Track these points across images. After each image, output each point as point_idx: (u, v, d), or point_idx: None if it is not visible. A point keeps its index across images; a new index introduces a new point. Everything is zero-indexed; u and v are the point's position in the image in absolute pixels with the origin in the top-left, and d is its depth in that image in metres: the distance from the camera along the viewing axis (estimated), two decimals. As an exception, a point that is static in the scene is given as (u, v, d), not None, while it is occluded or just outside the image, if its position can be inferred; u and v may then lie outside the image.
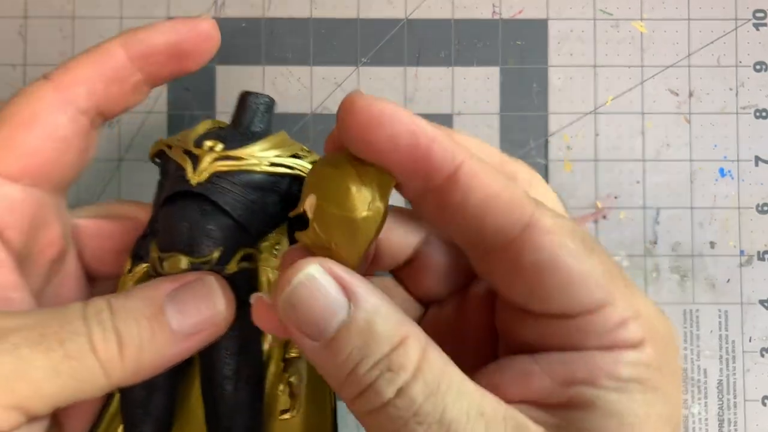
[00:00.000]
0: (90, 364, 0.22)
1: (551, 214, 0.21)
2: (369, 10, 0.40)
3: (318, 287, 0.20)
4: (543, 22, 0.40)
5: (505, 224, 0.21)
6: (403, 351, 0.20)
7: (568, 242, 0.21)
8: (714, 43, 0.40)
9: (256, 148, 0.27)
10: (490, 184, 0.21)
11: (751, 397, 0.39)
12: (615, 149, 0.39)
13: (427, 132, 0.21)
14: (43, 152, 0.25)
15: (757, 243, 0.39)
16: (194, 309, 0.23)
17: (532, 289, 0.21)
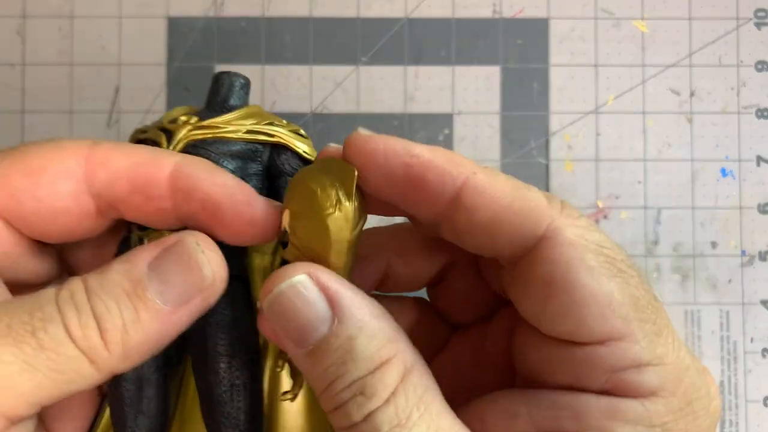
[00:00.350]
0: (70, 353, 0.19)
1: (578, 224, 0.20)
2: (369, 9, 0.40)
3: (301, 297, 0.19)
4: (544, 21, 0.40)
5: (517, 237, 0.20)
6: (380, 375, 0.19)
7: (588, 258, 0.19)
8: (715, 43, 0.40)
9: (231, 116, 0.26)
10: (498, 199, 0.20)
11: (752, 398, 0.38)
12: (616, 149, 0.39)
13: (421, 161, 0.20)
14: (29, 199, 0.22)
15: (759, 243, 0.39)
16: (178, 277, 0.20)
17: (542, 306, 0.20)
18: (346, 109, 0.39)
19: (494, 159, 0.39)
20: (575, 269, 0.19)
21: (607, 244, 0.20)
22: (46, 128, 0.39)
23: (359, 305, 0.20)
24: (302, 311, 0.19)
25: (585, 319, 0.19)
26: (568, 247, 0.19)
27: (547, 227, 0.20)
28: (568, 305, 0.19)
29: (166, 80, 0.39)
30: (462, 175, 0.20)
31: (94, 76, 0.39)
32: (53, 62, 0.39)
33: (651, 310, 0.20)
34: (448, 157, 0.20)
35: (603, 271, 0.19)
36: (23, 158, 0.22)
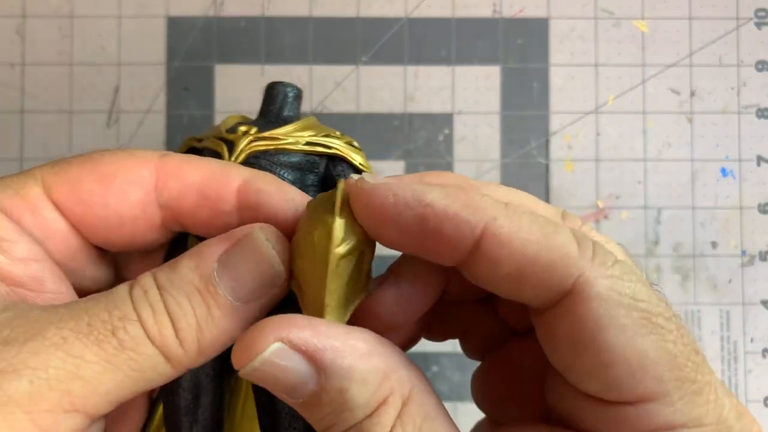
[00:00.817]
0: (148, 352, 0.19)
1: (611, 274, 0.18)
2: (369, 9, 0.40)
3: (279, 368, 0.18)
4: (544, 21, 0.40)
5: (543, 291, 0.18)
6: (377, 419, 0.18)
7: (620, 315, 0.18)
8: (716, 42, 0.40)
9: (290, 128, 0.26)
10: (522, 249, 0.18)
11: (753, 398, 0.38)
12: (616, 149, 0.39)
13: (435, 211, 0.18)
14: (99, 205, 0.22)
15: (759, 243, 0.39)
16: (248, 273, 0.20)
17: (569, 363, 0.19)
18: (346, 108, 0.39)
19: (494, 159, 0.39)
20: (604, 328, 0.18)
21: (642, 296, 0.18)
22: (46, 128, 0.39)
23: (344, 353, 0.18)
24: (284, 379, 0.19)
25: (614, 381, 0.18)
26: (598, 303, 0.18)
27: (576, 280, 0.18)
28: (596, 366, 0.18)
29: (165, 80, 0.39)
30: (481, 223, 0.18)
31: (94, 75, 0.39)
32: (53, 62, 0.39)
33: (691, 367, 0.18)
34: (464, 202, 0.18)
35: (636, 328, 0.18)
36: (95, 165, 0.22)
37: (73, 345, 0.18)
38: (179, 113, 0.39)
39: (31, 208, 0.22)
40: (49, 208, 0.22)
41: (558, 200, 0.39)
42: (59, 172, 0.22)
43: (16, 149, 0.39)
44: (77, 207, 0.22)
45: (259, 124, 0.26)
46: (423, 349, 0.38)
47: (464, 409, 0.38)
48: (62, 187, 0.22)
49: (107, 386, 0.19)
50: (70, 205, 0.22)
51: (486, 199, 0.19)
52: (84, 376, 0.18)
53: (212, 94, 0.39)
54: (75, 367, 0.18)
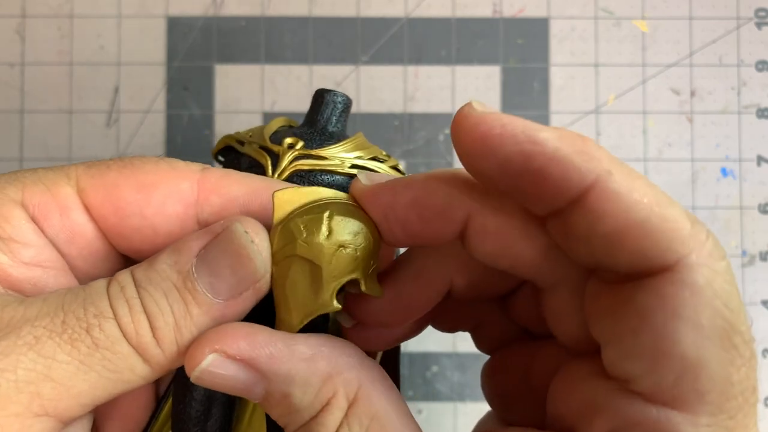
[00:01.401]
0: (124, 351, 0.18)
1: (716, 268, 0.17)
2: (369, 9, 0.40)
3: (219, 377, 0.19)
4: (544, 21, 0.40)
5: (640, 260, 0.17)
6: (322, 419, 0.18)
7: (703, 315, 0.16)
8: (716, 42, 0.40)
9: (338, 148, 0.26)
10: (632, 210, 0.17)
11: (753, 398, 0.38)
12: (617, 148, 0.39)
13: (545, 150, 0.17)
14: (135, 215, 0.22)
15: (759, 243, 0.39)
16: (228, 269, 0.19)
17: (620, 335, 0.17)
18: (345, 108, 0.39)
19: (494, 159, 0.39)
20: (681, 318, 0.16)
21: (733, 305, 0.16)
22: (46, 128, 0.39)
23: (281, 360, 0.19)
24: (229, 386, 0.19)
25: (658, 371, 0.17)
26: (689, 292, 0.16)
27: (681, 259, 0.16)
28: (649, 350, 0.17)
29: (165, 80, 0.39)
30: (593, 174, 0.17)
31: (94, 75, 0.39)
32: (53, 62, 0.39)
33: (739, 402, 0.16)
34: (579, 148, 0.17)
35: (711, 335, 0.16)
36: (135, 172, 0.21)
37: (45, 345, 0.18)
38: (179, 113, 0.39)
39: (61, 208, 0.21)
40: (79, 210, 0.21)
41: (558, 200, 0.39)
42: (96, 175, 0.21)
43: (16, 149, 0.39)
44: (111, 215, 0.21)
45: (305, 136, 0.26)
46: (423, 349, 0.38)
47: (464, 409, 0.38)
48: (98, 192, 0.21)
49: (80, 388, 0.18)
50: (104, 211, 0.21)
51: (603, 151, 0.17)
52: (55, 378, 0.18)
53: (212, 94, 0.39)
54: (46, 368, 0.18)
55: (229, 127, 0.39)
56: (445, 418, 0.38)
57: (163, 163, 0.22)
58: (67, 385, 0.18)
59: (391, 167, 0.27)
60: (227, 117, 0.29)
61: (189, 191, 0.22)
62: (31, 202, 0.21)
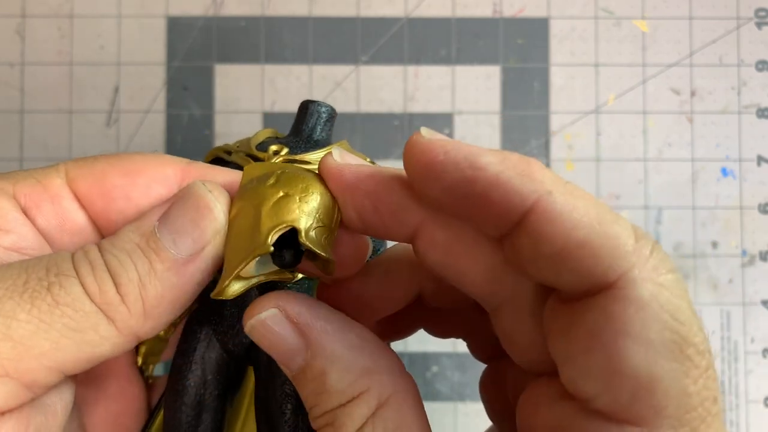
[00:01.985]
0: (86, 309, 0.18)
1: (661, 281, 0.16)
2: (369, 9, 0.40)
3: (271, 332, 0.19)
4: (544, 21, 0.40)
5: (585, 278, 0.17)
6: (350, 410, 0.19)
7: (652, 329, 0.16)
8: (716, 42, 0.40)
9: (321, 153, 0.26)
10: (573, 229, 0.16)
11: (753, 398, 0.38)
12: (617, 148, 0.39)
13: (486, 175, 0.17)
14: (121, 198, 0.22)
15: (759, 243, 0.39)
16: (189, 224, 0.19)
17: (574, 355, 0.17)
18: (345, 108, 0.39)
19: (494, 159, 0.39)
20: (630, 335, 0.16)
21: (683, 317, 0.16)
22: (46, 128, 0.39)
23: (332, 338, 0.19)
24: (275, 345, 0.19)
25: (613, 390, 0.16)
26: (636, 308, 0.16)
27: (622, 275, 0.16)
28: (601, 369, 0.16)
29: (165, 80, 0.39)
30: (533, 195, 0.17)
31: (94, 75, 0.39)
32: (52, 62, 0.39)
33: (700, 413, 0.16)
34: (521, 170, 0.17)
35: (662, 350, 0.16)
36: (121, 162, 0.22)
37: (5, 304, 0.18)
38: (179, 113, 0.39)
39: (51, 197, 0.22)
40: (69, 198, 0.22)
41: (558, 200, 0.39)
42: (84, 166, 0.22)
43: (15, 149, 0.39)
44: (99, 199, 0.22)
45: (291, 144, 0.26)
46: (423, 349, 0.38)
47: (464, 409, 0.38)
48: (86, 180, 0.22)
49: (41, 348, 0.18)
50: (92, 196, 0.22)
51: (546, 172, 0.17)
52: (14, 337, 0.18)
53: (212, 94, 0.39)
54: (5, 327, 0.17)
55: (229, 127, 0.39)
56: (445, 418, 0.38)
57: (150, 155, 0.23)
58: (27, 344, 0.18)
59: None
60: (227, 117, 0.29)
61: (173, 177, 0.22)
62: (22, 193, 0.21)
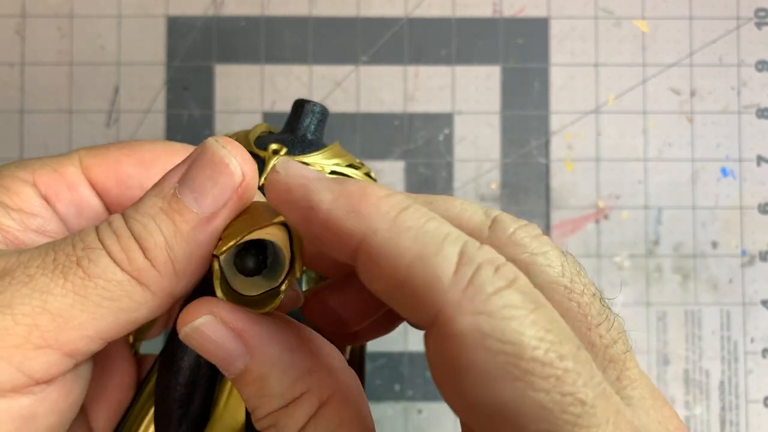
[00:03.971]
0: (117, 278, 0.19)
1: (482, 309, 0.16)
2: (369, 9, 0.40)
3: (207, 339, 0.19)
4: (544, 21, 0.40)
5: (413, 317, 0.17)
6: (291, 411, 0.19)
7: (479, 360, 0.15)
8: (716, 42, 0.40)
9: (318, 156, 0.28)
10: (392, 271, 0.16)
11: (753, 398, 0.38)
12: (617, 148, 0.39)
13: (318, 215, 0.17)
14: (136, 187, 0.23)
15: (759, 243, 0.39)
16: (209, 182, 0.19)
17: (439, 386, 0.17)
18: (346, 108, 0.39)
19: (494, 159, 0.39)
20: (462, 369, 0.16)
21: (511, 337, 0.15)
22: (46, 128, 0.39)
23: (269, 340, 0.19)
24: (212, 351, 0.19)
25: (475, 419, 0.16)
26: (457, 342, 0.16)
27: (439, 312, 0.16)
28: (459, 401, 0.17)
29: (165, 80, 0.39)
30: (359, 235, 0.17)
31: (94, 75, 0.39)
32: (52, 62, 0.39)
33: (567, 419, 0.15)
34: (351, 206, 0.17)
35: (498, 374, 0.15)
36: (134, 150, 0.23)
37: (39, 281, 0.18)
38: (179, 113, 0.39)
39: (69, 185, 0.23)
40: (85, 185, 0.23)
41: (558, 200, 0.39)
42: (98, 155, 0.23)
43: (15, 149, 0.39)
44: (114, 187, 0.23)
45: (288, 143, 0.28)
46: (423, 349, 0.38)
47: (464, 409, 0.38)
48: (101, 168, 0.23)
49: (80, 319, 0.18)
50: (107, 184, 0.23)
51: (380, 205, 0.17)
52: (52, 310, 0.18)
53: (212, 94, 0.39)
54: (42, 301, 0.18)
55: (229, 127, 0.39)
56: (445, 418, 0.38)
57: (160, 143, 0.24)
58: (66, 316, 0.18)
59: (365, 174, 0.29)
60: (227, 117, 0.29)
61: None
62: (41, 182, 0.22)
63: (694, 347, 0.39)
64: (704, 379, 0.38)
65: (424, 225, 0.17)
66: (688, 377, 0.38)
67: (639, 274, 0.39)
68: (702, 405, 0.38)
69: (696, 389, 0.38)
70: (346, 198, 0.17)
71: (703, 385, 0.38)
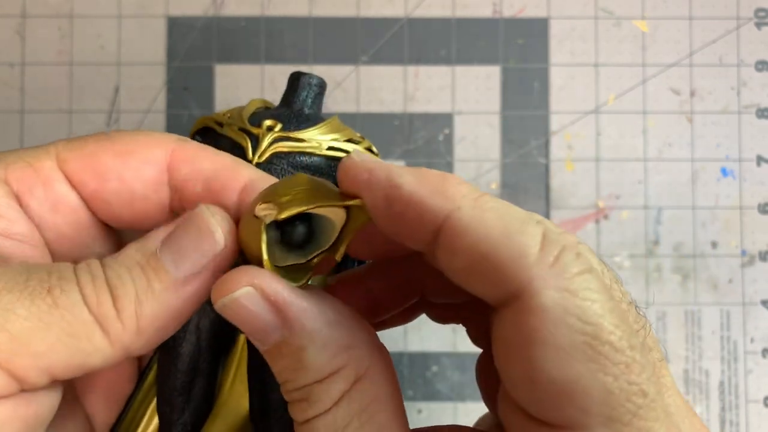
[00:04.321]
0: (83, 317, 0.18)
1: (567, 286, 0.16)
2: (369, 9, 0.40)
3: (245, 310, 0.19)
4: (544, 21, 0.40)
5: (494, 290, 0.17)
6: (326, 386, 0.19)
7: (560, 334, 0.16)
8: (716, 42, 0.40)
9: (315, 131, 0.27)
10: (479, 244, 0.17)
11: (752, 398, 0.38)
12: (617, 148, 0.39)
13: (402, 193, 0.18)
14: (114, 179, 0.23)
15: (759, 243, 0.39)
16: (190, 247, 0.20)
17: (504, 367, 0.18)
18: (346, 108, 0.39)
19: (494, 159, 0.39)
20: (538, 343, 0.16)
21: (591, 318, 0.16)
22: (46, 128, 0.39)
23: (309, 315, 0.19)
24: (249, 322, 0.19)
25: (538, 398, 0.17)
26: (539, 316, 0.16)
27: (525, 286, 0.17)
28: (523, 379, 0.17)
29: (165, 80, 0.39)
30: (443, 212, 0.17)
31: (94, 75, 0.39)
32: (53, 62, 0.39)
33: (629, 408, 0.16)
34: (434, 187, 0.18)
35: (573, 352, 0.16)
36: (112, 142, 0.23)
37: (3, 297, 0.18)
38: (179, 113, 0.39)
39: (43, 180, 0.22)
40: (61, 181, 0.22)
41: (558, 200, 0.39)
42: (75, 148, 0.23)
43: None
44: (92, 180, 0.22)
45: (283, 118, 0.27)
46: (423, 349, 0.38)
47: (464, 409, 0.38)
48: (77, 161, 0.22)
49: (38, 347, 0.18)
50: (85, 178, 0.22)
51: (461, 188, 0.18)
52: (11, 330, 0.18)
53: (212, 94, 0.39)
54: (3, 319, 0.18)
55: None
56: (445, 418, 0.38)
57: (140, 134, 0.23)
58: (23, 341, 0.18)
59: (366, 149, 0.28)
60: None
61: (162, 158, 0.23)
62: (13, 178, 0.22)
63: (693, 347, 0.39)
64: (704, 379, 0.38)
65: (506, 206, 0.18)
66: (687, 377, 0.38)
67: (639, 274, 0.39)
68: (702, 405, 0.38)
69: (696, 389, 0.38)
70: (429, 179, 0.18)
71: (702, 385, 0.38)
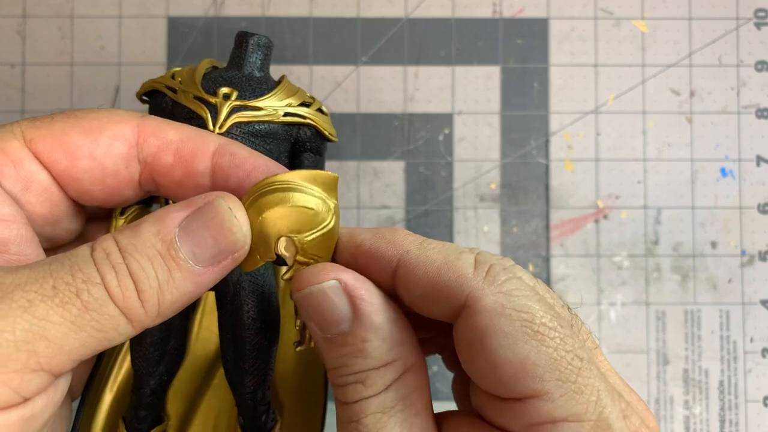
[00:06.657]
0: (111, 313, 0.20)
1: (500, 291, 0.21)
2: (369, 9, 0.40)
3: (329, 300, 0.22)
4: (544, 21, 0.40)
5: (446, 308, 0.22)
6: (382, 373, 0.22)
7: (503, 324, 0.20)
8: (715, 43, 0.40)
9: (271, 98, 0.28)
10: (426, 275, 0.22)
11: (752, 398, 0.38)
12: (616, 149, 0.39)
13: (363, 251, 0.23)
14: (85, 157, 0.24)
15: (759, 243, 0.39)
16: (210, 239, 0.21)
17: (468, 366, 0.22)
18: (346, 109, 0.39)
19: (494, 159, 0.39)
20: (490, 335, 0.20)
21: (525, 308, 0.21)
22: (46, 128, 0.39)
23: (377, 310, 0.22)
24: (328, 311, 0.22)
25: (501, 379, 0.20)
26: (484, 314, 0.21)
27: (468, 296, 0.21)
28: (486, 368, 0.21)
29: (166, 80, 0.39)
30: (397, 256, 0.22)
31: (94, 75, 0.39)
32: (53, 62, 0.39)
33: (571, 369, 0.20)
34: (388, 239, 0.23)
35: (518, 335, 0.20)
36: (79, 120, 0.24)
37: (38, 308, 0.19)
38: (179, 113, 0.39)
39: (13, 160, 0.23)
40: (30, 160, 0.23)
41: (558, 200, 0.39)
42: (41, 127, 0.23)
43: (16, 149, 0.39)
44: (63, 159, 0.23)
45: (238, 84, 0.28)
46: (423, 349, 0.38)
47: (464, 408, 0.38)
48: (46, 140, 0.23)
49: (71, 346, 0.20)
50: (55, 157, 0.23)
51: (408, 237, 0.23)
52: (49, 337, 0.19)
53: (212, 94, 0.39)
54: (41, 329, 0.19)
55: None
56: (444, 417, 0.38)
57: (103, 112, 0.24)
58: (60, 343, 0.19)
59: (317, 110, 0.29)
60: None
61: (130, 134, 0.24)
62: None
63: (693, 347, 0.39)
64: (703, 379, 0.38)
65: (445, 244, 0.22)
66: (687, 377, 0.38)
67: (638, 274, 0.39)
68: (701, 404, 0.38)
69: (695, 389, 0.38)
70: (382, 235, 0.23)
71: (702, 384, 0.38)
